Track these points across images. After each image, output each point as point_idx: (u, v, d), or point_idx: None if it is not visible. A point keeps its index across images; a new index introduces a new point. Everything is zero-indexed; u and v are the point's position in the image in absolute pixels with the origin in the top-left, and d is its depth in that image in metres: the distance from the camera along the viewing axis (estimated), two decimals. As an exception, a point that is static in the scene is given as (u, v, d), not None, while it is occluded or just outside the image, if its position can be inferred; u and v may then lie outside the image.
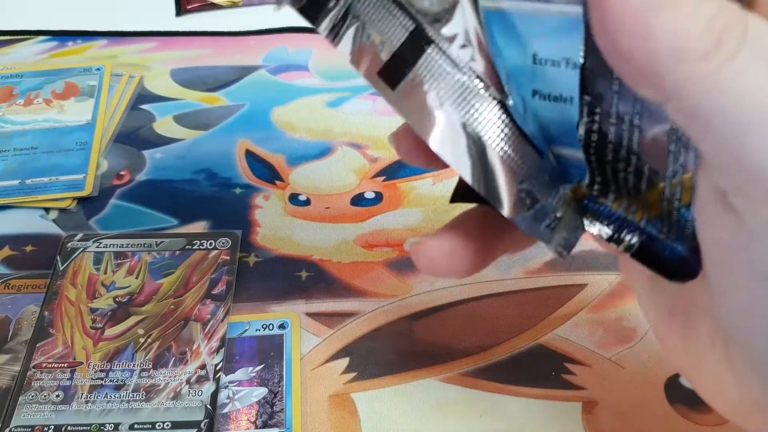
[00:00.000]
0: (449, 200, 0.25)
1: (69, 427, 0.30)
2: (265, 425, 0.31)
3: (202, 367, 0.32)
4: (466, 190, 0.24)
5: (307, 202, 0.41)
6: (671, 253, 0.22)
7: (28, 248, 0.39)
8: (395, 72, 0.21)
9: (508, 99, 0.22)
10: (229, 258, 0.37)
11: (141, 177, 0.43)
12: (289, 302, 0.36)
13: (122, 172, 0.43)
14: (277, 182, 0.42)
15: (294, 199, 0.41)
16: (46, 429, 0.30)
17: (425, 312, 0.36)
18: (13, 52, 0.53)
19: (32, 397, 0.31)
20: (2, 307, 0.35)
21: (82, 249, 0.37)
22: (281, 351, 0.33)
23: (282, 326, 0.34)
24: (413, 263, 0.24)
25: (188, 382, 0.32)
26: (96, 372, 0.32)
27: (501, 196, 0.21)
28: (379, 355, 0.34)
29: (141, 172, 0.43)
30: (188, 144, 0.45)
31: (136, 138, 0.45)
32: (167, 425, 0.30)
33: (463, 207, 0.25)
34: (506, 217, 0.21)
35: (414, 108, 0.21)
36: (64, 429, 0.30)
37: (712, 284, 0.20)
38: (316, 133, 0.46)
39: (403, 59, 0.21)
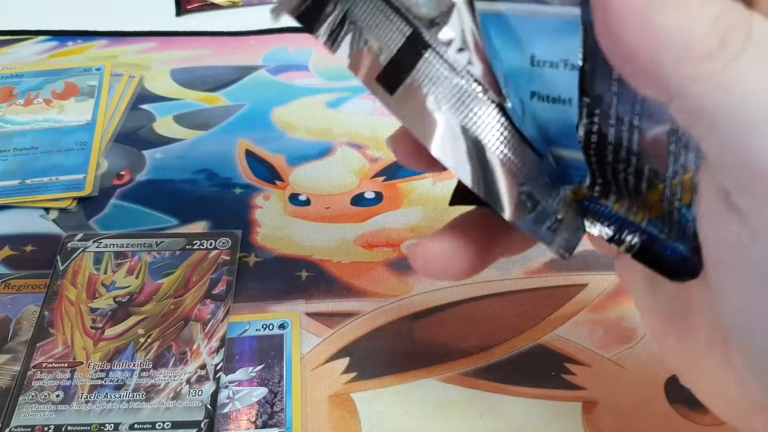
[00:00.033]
0: (448, 203, 0.25)
1: (69, 427, 0.30)
2: (265, 425, 0.31)
3: (202, 367, 0.32)
4: (465, 193, 0.24)
5: (307, 202, 0.41)
6: (672, 253, 0.22)
7: (28, 248, 0.39)
8: (393, 77, 0.20)
9: (506, 101, 0.22)
10: (229, 258, 0.37)
11: (141, 177, 0.43)
12: (289, 302, 0.36)
13: (122, 172, 0.43)
14: (277, 182, 0.42)
15: (294, 199, 0.41)
16: (46, 429, 0.30)
17: (425, 312, 0.36)
18: (13, 52, 0.53)
19: (32, 397, 0.31)
20: (2, 307, 0.35)
21: (82, 249, 0.37)
22: (281, 351, 0.33)
23: (282, 326, 0.34)
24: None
25: (188, 382, 0.32)
26: (96, 372, 0.32)
27: (502, 199, 0.21)
28: (379, 355, 0.34)
29: (141, 172, 0.43)
30: (188, 144, 0.45)
31: (136, 138, 0.45)
32: (167, 425, 0.30)
33: (462, 209, 0.25)
34: (507, 221, 0.21)
35: (413, 112, 0.21)
36: (64, 429, 0.30)
37: (713, 284, 0.20)
38: (316, 133, 0.46)
39: (401, 64, 0.21)
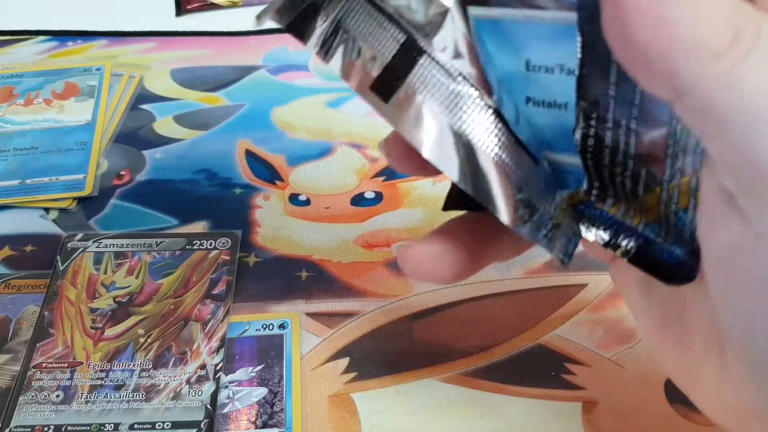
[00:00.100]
0: (442, 208, 0.25)
1: (69, 427, 0.30)
2: (265, 425, 0.31)
3: (202, 367, 0.32)
4: (459, 198, 0.24)
5: (307, 202, 0.41)
6: (668, 257, 0.22)
7: (28, 248, 0.39)
8: (388, 84, 0.20)
9: (500, 106, 0.22)
10: (229, 258, 0.37)
11: (141, 177, 0.43)
12: (289, 302, 0.36)
13: (122, 172, 0.43)
14: (277, 182, 0.42)
15: (294, 199, 0.41)
16: (46, 429, 0.30)
17: (425, 312, 0.36)
18: (13, 52, 0.53)
19: (32, 397, 0.31)
20: (2, 307, 0.35)
21: (82, 249, 0.37)
22: (281, 351, 0.33)
23: (282, 326, 0.34)
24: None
25: (188, 382, 0.32)
26: (96, 372, 0.32)
27: (500, 205, 0.21)
28: (379, 355, 0.34)
29: (141, 172, 0.43)
30: (188, 144, 0.45)
31: (136, 138, 0.45)
32: (167, 425, 0.30)
33: (455, 213, 0.25)
34: (509, 226, 0.21)
35: (408, 120, 0.20)
36: (64, 429, 0.30)
37: (713, 286, 0.20)
38: (316, 133, 0.46)
39: (396, 71, 0.20)
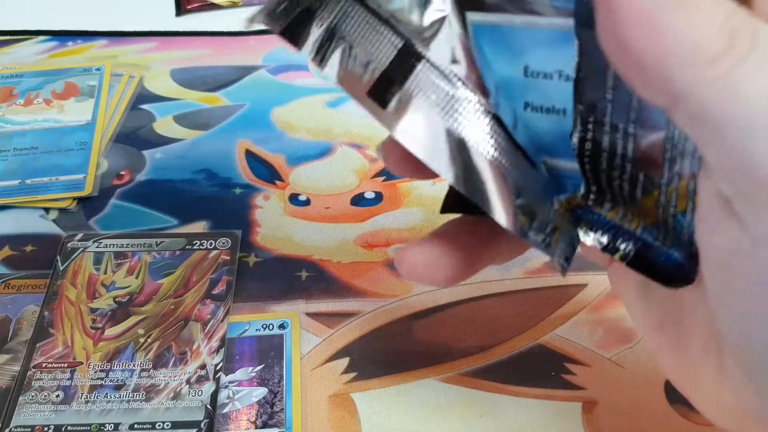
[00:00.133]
0: (440, 211, 0.25)
1: (69, 427, 0.30)
2: (265, 425, 0.31)
3: (202, 367, 0.32)
4: (457, 201, 0.24)
5: (307, 202, 0.41)
6: (666, 260, 0.22)
7: (28, 248, 0.39)
8: (386, 90, 0.20)
9: (498, 112, 0.21)
10: (229, 258, 0.37)
11: (141, 177, 0.43)
12: (289, 302, 0.36)
13: (122, 172, 0.43)
14: (277, 182, 0.42)
15: (294, 199, 0.41)
16: (46, 429, 0.30)
17: (425, 312, 0.36)
18: (13, 52, 0.53)
19: (32, 397, 0.31)
20: (2, 307, 0.35)
21: (82, 249, 0.37)
22: (281, 351, 0.33)
23: (282, 326, 0.34)
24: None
25: (188, 382, 0.32)
26: (96, 372, 0.32)
27: (497, 208, 0.21)
28: (379, 355, 0.34)
29: (141, 172, 0.43)
30: (188, 144, 0.45)
31: (136, 138, 0.45)
32: (167, 425, 0.30)
33: (453, 216, 0.25)
34: (509, 231, 0.21)
35: (407, 125, 0.20)
36: (64, 429, 0.30)
37: (711, 289, 0.20)
38: (316, 133, 0.46)
39: (393, 77, 0.20)
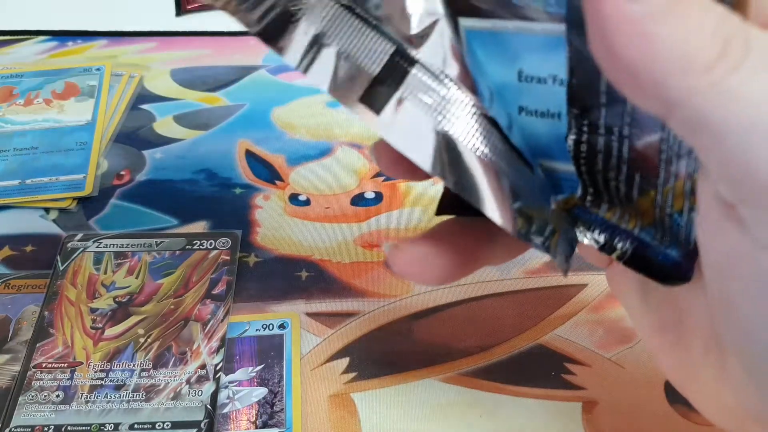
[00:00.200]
0: (435, 213, 0.25)
1: (69, 427, 0.30)
2: (265, 425, 0.31)
3: (202, 367, 0.32)
4: (452, 203, 0.24)
5: (307, 202, 0.41)
6: (664, 258, 0.22)
7: (28, 248, 0.39)
8: (378, 96, 0.20)
9: (492, 114, 0.21)
10: (229, 258, 0.37)
11: (141, 177, 0.43)
12: (289, 302, 0.36)
13: (122, 172, 0.43)
14: (277, 182, 0.42)
15: (294, 199, 0.41)
16: (46, 429, 0.30)
17: (425, 312, 0.36)
18: (13, 52, 0.53)
19: (32, 397, 0.31)
20: (2, 307, 0.35)
21: (82, 249, 0.37)
22: (281, 351, 0.33)
23: (282, 326, 0.34)
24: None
25: (188, 382, 0.32)
26: (96, 372, 0.32)
27: (497, 212, 0.21)
28: (379, 355, 0.34)
29: (141, 172, 0.43)
30: (188, 144, 0.45)
31: (136, 138, 0.45)
32: (167, 425, 0.30)
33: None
34: (508, 233, 0.21)
35: (400, 130, 0.20)
36: (64, 429, 0.30)
37: (713, 291, 0.20)
38: (316, 133, 0.46)
39: (386, 82, 0.20)
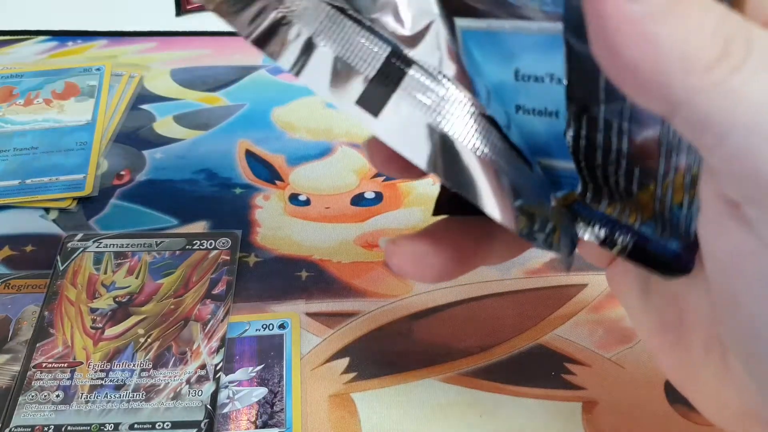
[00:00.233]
0: (432, 213, 0.25)
1: (69, 427, 0.30)
2: (265, 425, 0.31)
3: (202, 367, 0.32)
4: (449, 202, 0.24)
5: (307, 202, 0.41)
6: (664, 251, 0.22)
7: (28, 248, 0.39)
8: (376, 98, 0.20)
9: (490, 113, 0.21)
10: (229, 258, 0.37)
11: (141, 177, 0.43)
12: (289, 302, 0.36)
13: (122, 172, 0.43)
14: (277, 182, 0.42)
15: (294, 199, 0.41)
16: (46, 429, 0.30)
17: (425, 312, 0.36)
18: (13, 52, 0.53)
19: (32, 397, 0.31)
20: (2, 307, 0.35)
21: (82, 249, 0.37)
22: (281, 351, 0.33)
23: (282, 326, 0.34)
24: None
25: (188, 382, 0.32)
26: (96, 372, 0.32)
27: (498, 210, 0.21)
28: (379, 355, 0.34)
29: (141, 172, 0.43)
30: (188, 144, 0.45)
31: (136, 138, 0.45)
32: (167, 425, 0.30)
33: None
34: (510, 231, 0.21)
35: (399, 132, 0.20)
36: (64, 429, 0.30)
37: (716, 290, 0.20)
38: (316, 133, 0.46)
39: (383, 84, 0.20)
